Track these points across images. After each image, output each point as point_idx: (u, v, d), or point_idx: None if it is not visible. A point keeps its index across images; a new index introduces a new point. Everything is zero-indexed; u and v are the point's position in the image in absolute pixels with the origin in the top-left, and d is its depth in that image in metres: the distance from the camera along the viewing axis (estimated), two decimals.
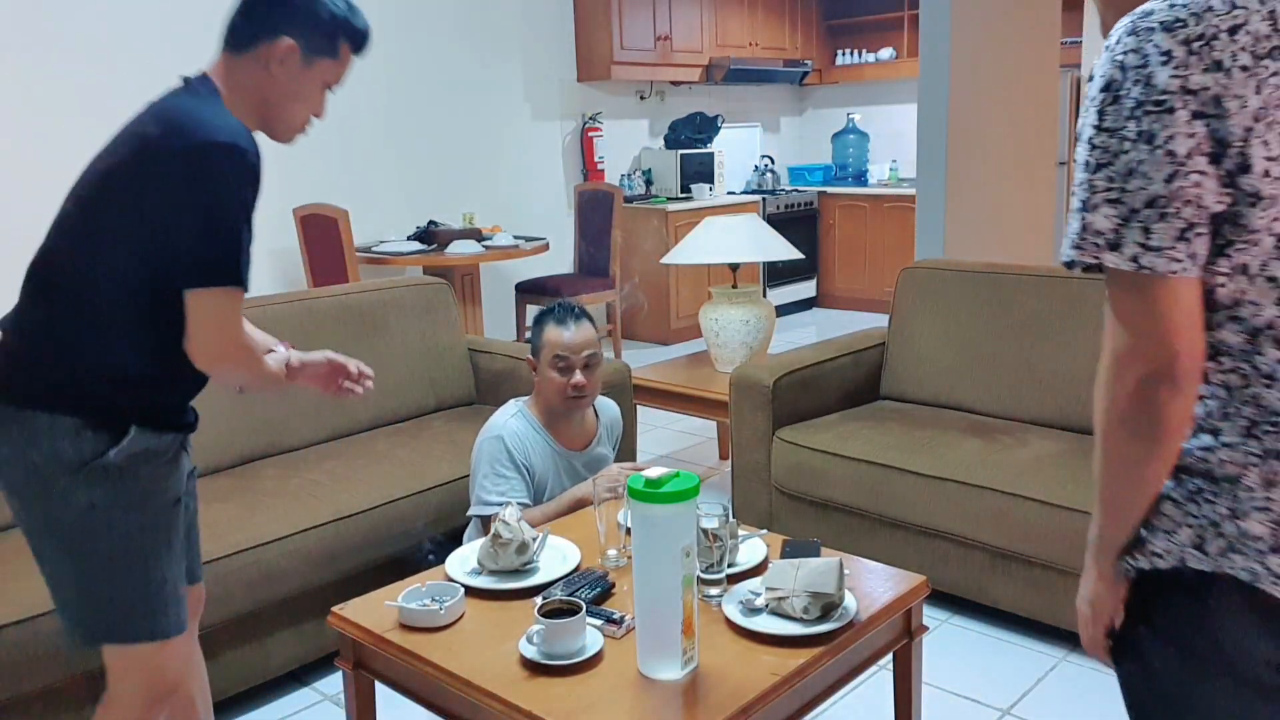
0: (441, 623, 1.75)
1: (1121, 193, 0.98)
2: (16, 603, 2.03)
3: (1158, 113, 0.96)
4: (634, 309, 6.41)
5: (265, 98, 1.67)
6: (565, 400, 2.37)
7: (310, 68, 1.67)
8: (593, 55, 6.26)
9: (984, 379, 3.12)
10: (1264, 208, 0.97)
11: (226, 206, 1.53)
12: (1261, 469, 1.01)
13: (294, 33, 1.63)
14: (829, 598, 1.70)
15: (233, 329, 1.58)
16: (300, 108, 1.71)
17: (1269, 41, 0.96)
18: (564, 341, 2.35)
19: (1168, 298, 0.98)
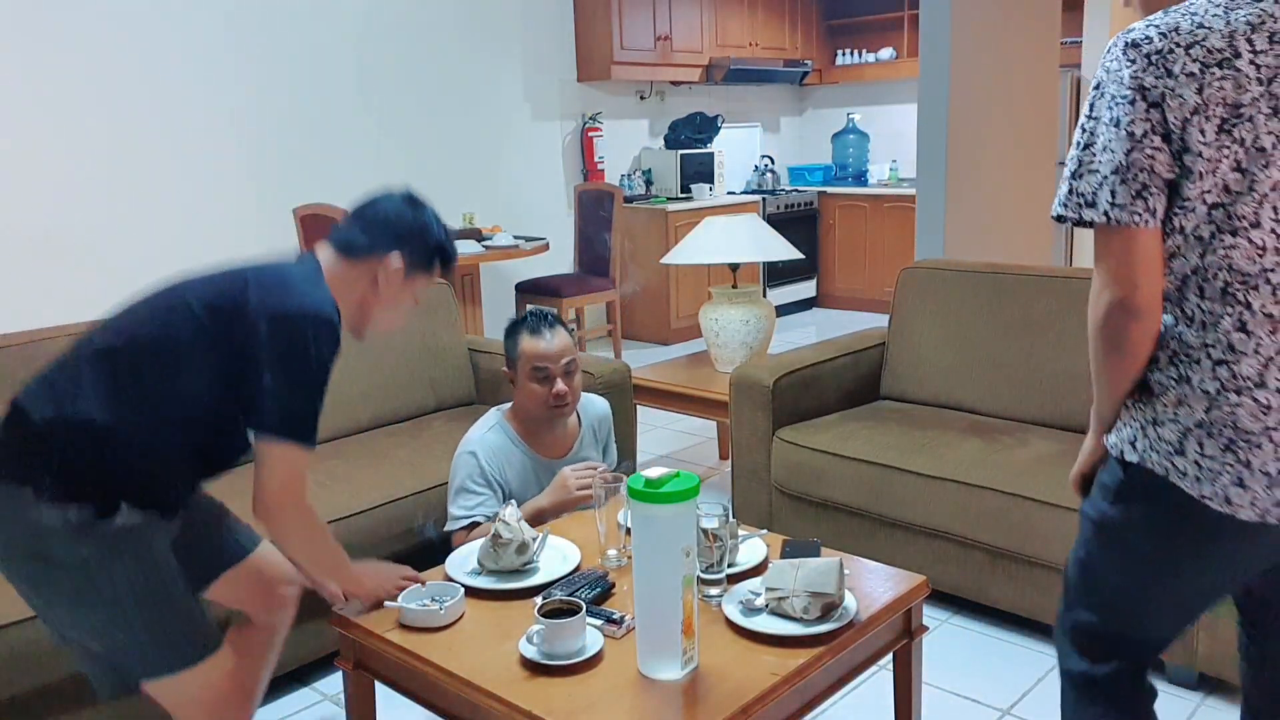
0: (441, 623, 1.75)
1: (1096, 163, 1.32)
2: (17, 602, 2.02)
3: (1123, 103, 1.29)
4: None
5: (365, 302, 1.84)
6: (547, 410, 2.34)
7: (409, 283, 1.85)
8: (593, 55, 6.26)
9: (984, 379, 3.12)
10: (1195, 180, 1.28)
11: (314, 370, 1.67)
12: (1175, 391, 1.35)
13: (405, 252, 1.81)
14: (829, 598, 1.70)
15: (297, 482, 1.67)
16: (391, 316, 1.89)
17: (1220, 54, 1.27)
18: (541, 351, 2.31)
19: (1130, 244, 1.31)
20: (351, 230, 1.83)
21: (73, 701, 2.10)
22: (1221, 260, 1.30)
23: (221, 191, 4.78)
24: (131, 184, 4.49)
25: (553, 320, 2.39)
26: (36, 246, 4.23)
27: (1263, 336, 1.29)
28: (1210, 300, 1.31)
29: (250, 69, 4.82)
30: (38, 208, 4.23)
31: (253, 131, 4.86)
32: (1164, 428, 1.35)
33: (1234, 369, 1.30)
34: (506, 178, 6.03)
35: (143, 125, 4.49)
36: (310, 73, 5.04)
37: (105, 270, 4.42)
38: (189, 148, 4.65)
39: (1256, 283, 1.29)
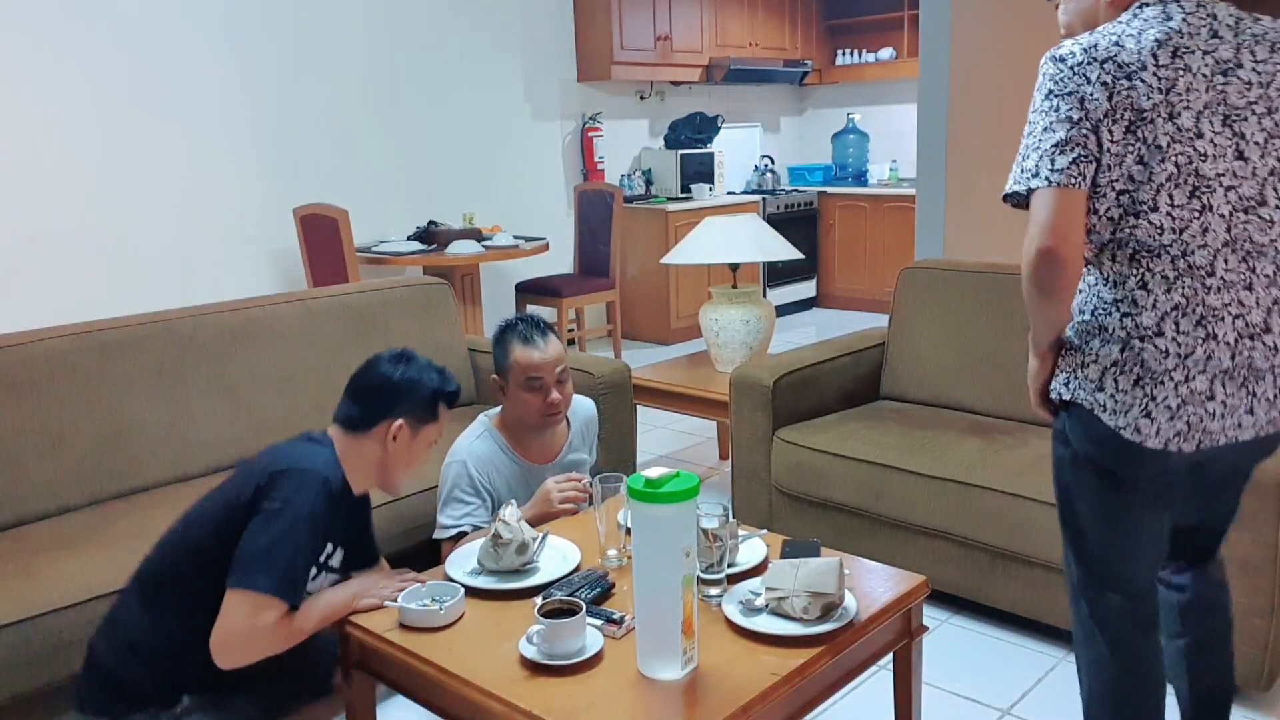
0: (441, 623, 1.75)
1: (1038, 144, 1.59)
2: (17, 602, 2.03)
3: (1057, 99, 1.58)
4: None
5: (382, 464, 1.95)
6: (542, 418, 2.33)
7: (418, 435, 1.96)
8: (593, 55, 6.26)
9: (984, 379, 3.12)
10: (1105, 171, 1.57)
11: (289, 520, 1.74)
12: (1097, 338, 1.63)
13: (403, 413, 1.93)
14: (829, 598, 1.70)
15: (240, 631, 1.69)
16: (412, 469, 1.99)
17: (1128, 67, 1.54)
18: (535, 361, 2.29)
19: (1063, 202, 1.55)
20: (350, 406, 1.95)
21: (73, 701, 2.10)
22: (1128, 236, 1.59)
23: (221, 191, 4.78)
24: (131, 184, 4.49)
25: (544, 327, 2.36)
26: (36, 246, 4.23)
27: (1159, 294, 1.58)
28: (1120, 264, 1.61)
29: (250, 69, 4.82)
30: (37, 208, 4.23)
31: (253, 132, 4.86)
32: (1089, 369, 1.64)
33: (1137, 320, 1.60)
34: (506, 178, 6.03)
35: (142, 125, 4.49)
36: (310, 73, 5.04)
37: (105, 270, 4.42)
38: (189, 148, 4.65)
39: (1157, 252, 1.58)
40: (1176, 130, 1.55)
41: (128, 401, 2.63)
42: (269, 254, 4.99)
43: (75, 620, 2.05)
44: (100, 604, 2.08)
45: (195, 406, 2.75)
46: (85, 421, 2.56)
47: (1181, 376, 1.58)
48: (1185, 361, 1.58)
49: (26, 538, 2.34)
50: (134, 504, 2.53)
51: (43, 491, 2.48)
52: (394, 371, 1.94)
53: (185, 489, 2.61)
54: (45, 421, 2.50)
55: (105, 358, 2.63)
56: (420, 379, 1.95)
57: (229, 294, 3.25)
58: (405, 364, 1.96)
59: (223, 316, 2.88)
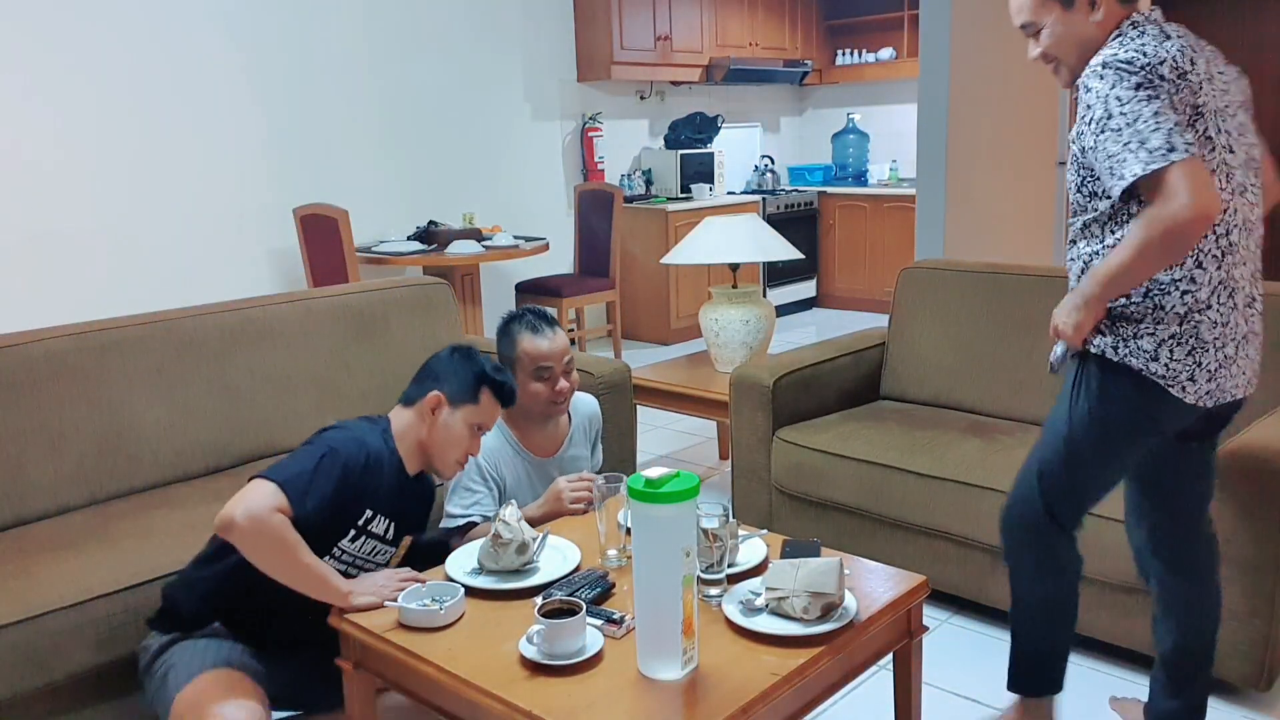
0: (441, 623, 1.75)
1: (1155, 127, 1.67)
2: (17, 602, 2.03)
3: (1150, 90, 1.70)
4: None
5: (422, 441, 2.05)
6: (548, 407, 2.37)
7: (457, 412, 2.04)
8: (593, 55, 6.26)
9: (984, 379, 3.12)
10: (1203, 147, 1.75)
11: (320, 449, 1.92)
12: (1152, 315, 1.81)
13: (444, 387, 2.05)
14: (829, 598, 1.70)
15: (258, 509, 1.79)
16: (452, 450, 2.05)
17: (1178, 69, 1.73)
18: (545, 351, 2.33)
19: (1204, 172, 1.66)
20: (410, 387, 2.11)
21: (73, 701, 2.10)
22: None
23: (221, 191, 4.79)
24: (132, 184, 4.49)
25: (550, 318, 2.40)
26: (37, 246, 4.23)
27: (1211, 271, 1.78)
28: None
29: (251, 70, 4.82)
30: (37, 208, 4.23)
31: (253, 132, 4.86)
32: (1142, 340, 1.82)
33: (1195, 295, 1.78)
34: (506, 178, 6.03)
35: (142, 126, 4.50)
36: (310, 73, 5.04)
37: (105, 270, 4.42)
38: (189, 148, 4.65)
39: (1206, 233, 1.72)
40: (1216, 125, 1.77)
41: (128, 402, 2.63)
42: (269, 254, 4.99)
43: (75, 620, 2.05)
44: (100, 604, 2.08)
45: (195, 406, 2.75)
46: (85, 421, 2.56)
47: (1221, 344, 1.82)
48: (1224, 330, 1.82)
49: (26, 538, 2.34)
50: (134, 504, 2.53)
51: (42, 491, 2.48)
52: (449, 354, 2.10)
53: (185, 489, 2.62)
54: (45, 421, 2.50)
55: (105, 358, 2.63)
56: (470, 360, 2.07)
57: (229, 294, 3.25)
58: (463, 352, 2.10)
59: (223, 316, 2.88)
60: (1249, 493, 2.18)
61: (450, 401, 2.04)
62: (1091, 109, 1.76)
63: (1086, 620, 2.50)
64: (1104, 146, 1.73)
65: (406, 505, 2.08)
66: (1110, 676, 2.50)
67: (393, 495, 2.01)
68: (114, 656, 2.10)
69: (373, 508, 1.97)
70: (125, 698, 2.16)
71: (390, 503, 2.01)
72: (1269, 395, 2.59)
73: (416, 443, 2.05)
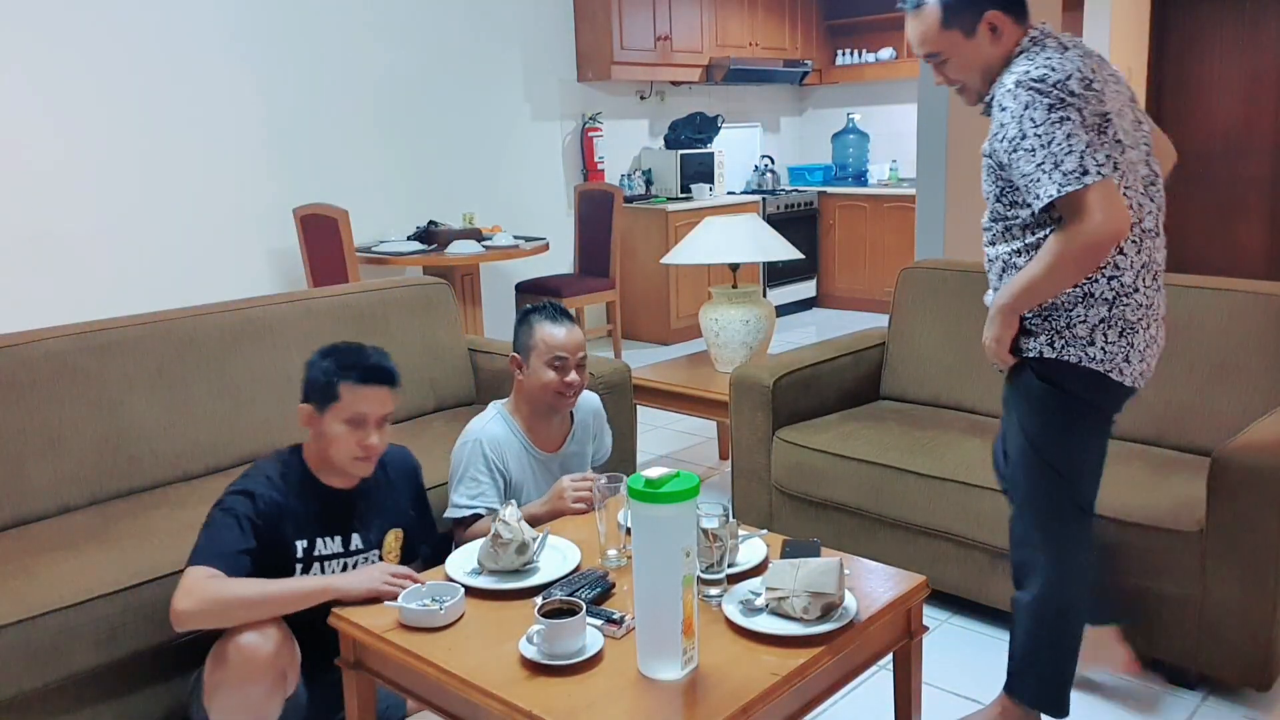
0: (441, 623, 1.75)
1: (1068, 149, 1.77)
2: (17, 602, 2.03)
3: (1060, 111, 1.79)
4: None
5: (317, 447, 2.08)
6: (556, 398, 2.38)
7: (323, 416, 2.03)
8: (593, 55, 6.26)
9: (984, 379, 3.11)
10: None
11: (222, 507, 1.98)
12: (1082, 303, 1.90)
13: (306, 397, 2.07)
14: (829, 598, 1.70)
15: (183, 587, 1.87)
16: (341, 452, 2.04)
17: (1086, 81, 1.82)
18: (562, 341, 2.36)
19: (1114, 191, 1.79)
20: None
21: (72, 701, 2.10)
22: None
23: (221, 192, 4.78)
24: (131, 184, 4.49)
25: (570, 314, 2.44)
26: (37, 246, 4.23)
27: (1133, 256, 1.90)
28: None
29: (249, 69, 4.82)
30: (38, 207, 4.23)
31: (253, 132, 4.86)
32: (1075, 328, 1.91)
33: (1120, 280, 1.89)
34: (506, 178, 6.03)
35: (142, 126, 4.50)
36: (310, 73, 5.04)
37: (106, 270, 4.42)
38: (189, 149, 4.65)
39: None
40: (1122, 127, 1.87)
41: (128, 402, 2.63)
42: (269, 254, 4.99)
43: (75, 620, 2.05)
44: (100, 604, 2.08)
45: (195, 406, 2.75)
46: (85, 421, 2.56)
47: (1145, 325, 1.94)
48: (1147, 312, 1.94)
49: (26, 537, 2.34)
50: (134, 504, 2.53)
51: (43, 491, 2.48)
52: (305, 365, 2.09)
53: (185, 489, 2.62)
54: (45, 421, 2.50)
55: (105, 358, 2.63)
56: (316, 362, 2.06)
57: (229, 294, 3.25)
58: (313, 358, 2.08)
59: (223, 316, 2.88)
60: (1249, 493, 2.18)
61: (317, 409, 2.03)
62: (1005, 127, 1.84)
63: None
64: (1019, 166, 1.82)
65: (352, 512, 2.10)
66: (1110, 677, 2.50)
67: (319, 515, 2.05)
68: (114, 656, 2.11)
69: (301, 537, 2.02)
70: (125, 697, 2.16)
71: (322, 523, 2.05)
72: (1269, 395, 2.59)
73: (318, 456, 2.07)
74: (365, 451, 2.03)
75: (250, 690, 1.82)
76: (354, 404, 2.01)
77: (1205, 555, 2.26)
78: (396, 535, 2.18)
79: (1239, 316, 2.68)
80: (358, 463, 2.05)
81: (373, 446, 2.03)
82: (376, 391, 2.04)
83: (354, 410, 2.01)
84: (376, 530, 2.14)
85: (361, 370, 2.04)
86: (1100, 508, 2.28)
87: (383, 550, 2.16)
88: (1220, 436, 2.47)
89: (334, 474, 2.08)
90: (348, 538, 2.09)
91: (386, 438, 2.10)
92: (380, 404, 2.05)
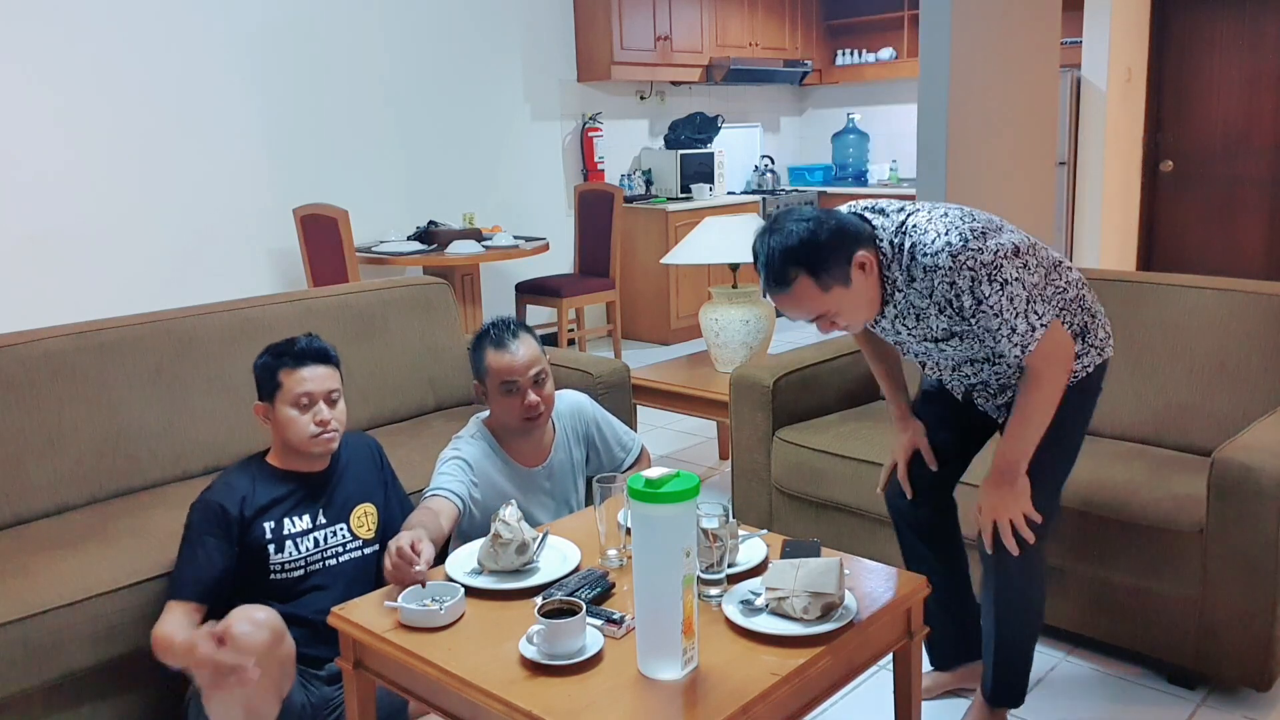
0: (441, 623, 1.75)
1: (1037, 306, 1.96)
2: (16, 601, 2.03)
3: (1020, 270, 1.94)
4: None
5: (280, 440, 2.17)
6: (521, 422, 2.32)
7: (275, 406, 2.14)
8: (593, 55, 6.26)
9: None
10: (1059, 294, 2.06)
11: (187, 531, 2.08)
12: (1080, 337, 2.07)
13: (258, 396, 2.17)
14: (829, 598, 1.70)
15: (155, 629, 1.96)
16: (297, 432, 2.13)
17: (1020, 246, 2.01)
18: (507, 365, 2.26)
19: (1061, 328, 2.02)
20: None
21: (72, 699, 2.10)
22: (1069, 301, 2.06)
23: (221, 192, 4.79)
24: (132, 184, 4.49)
25: (516, 329, 2.32)
26: (37, 246, 4.23)
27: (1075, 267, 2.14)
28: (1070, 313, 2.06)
29: (250, 70, 4.82)
30: (37, 207, 4.23)
31: (253, 132, 4.86)
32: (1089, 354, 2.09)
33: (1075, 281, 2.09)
34: (506, 178, 6.03)
35: (143, 126, 4.50)
36: (311, 73, 5.04)
37: (105, 270, 4.42)
38: (189, 148, 4.65)
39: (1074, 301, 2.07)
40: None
41: (127, 401, 2.63)
42: (269, 254, 4.99)
43: (74, 619, 2.05)
44: (98, 602, 2.09)
45: (194, 406, 2.75)
46: (84, 421, 2.56)
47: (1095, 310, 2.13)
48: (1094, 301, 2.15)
49: (25, 537, 2.34)
50: (133, 503, 2.53)
51: (42, 491, 2.48)
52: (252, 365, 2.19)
53: (184, 489, 2.61)
54: (45, 421, 2.50)
55: (105, 358, 2.63)
56: (256, 363, 2.17)
57: (229, 294, 3.25)
58: (260, 354, 2.18)
59: (222, 316, 2.88)
60: (1249, 493, 2.18)
61: (269, 401, 2.14)
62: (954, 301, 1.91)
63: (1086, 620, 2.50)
64: (983, 324, 1.92)
65: (318, 492, 2.19)
66: (1110, 678, 2.50)
67: (284, 498, 2.14)
68: (112, 654, 2.11)
69: (268, 519, 2.10)
70: (124, 695, 2.16)
71: (288, 505, 2.13)
72: (1269, 395, 2.59)
73: (280, 447, 2.17)
74: (321, 427, 2.12)
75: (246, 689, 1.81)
76: (296, 385, 2.11)
77: (1205, 555, 2.26)
78: (366, 510, 2.24)
79: (1239, 316, 2.68)
80: (316, 440, 2.13)
81: (326, 421, 2.13)
82: (314, 370, 2.14)
83: (298, 391, 2.11)
84: (339, 506, 2.20)
85: (294, 355, 2.14)
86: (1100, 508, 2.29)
87: (352, 525, 2.21)
88: (1220, 436, 2.47)
89: (298, 459, 2.17)
90: (315, 515, 2.17)
91: (342, 413, 2.18)
92: (321, 381, 2.15)
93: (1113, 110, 6.51)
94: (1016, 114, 4.49)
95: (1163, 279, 2.89)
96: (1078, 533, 2.42)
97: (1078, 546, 2.43)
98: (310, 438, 2.12)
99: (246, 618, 1.83)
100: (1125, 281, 2.91)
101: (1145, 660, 2.50)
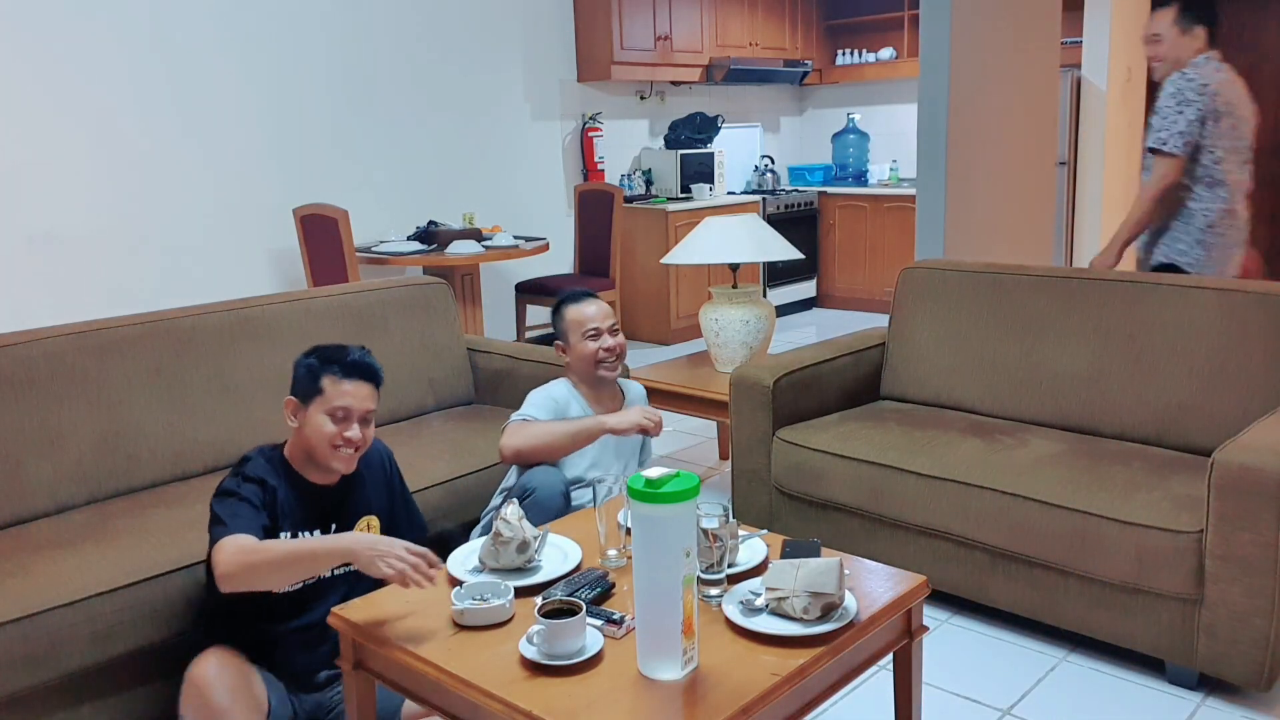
0: (505, 617, 1.76)
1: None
2: (15, 601, 2.03)
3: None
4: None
5: (301, 441, 2.11)
6: (600, 365, 2.63)
7: (307, 409, 2.08)
8: (593, 55, 6.26)
9: (984, 379, 3.11)
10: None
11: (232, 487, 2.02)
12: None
13: (292, 391, 2.12)
14: (829, 598, 1.70)
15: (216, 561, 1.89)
16: (323, 441, 2.06)
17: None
18: (590, 314, 2.64)
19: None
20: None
21: (70, 699, 2.10)
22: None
23: (221, 191, 4.78)
24: (132, 184, 4.49)
25: (592, 293, 2.74)
26: (36, 246, 4.23)
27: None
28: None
29: (251, 70, 4.82)
30: (38, 207, 4.23)
31: (253, 132, 4.86)
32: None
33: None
34: (506, 178, 6.03)
35: (143, 126, 4.49)
36: (311, 73, 5.04)
37: (105, 270, 4.42)
38: (189, 148, 4.65)
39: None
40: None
41: (127, 401, 2.63)
42: (269, 254, 4.99)
43: (73, 619, 2.05)
44: (97, 602, 2.08)
45: (195, 406, 2.75)
46: (85, 421, 2.56)
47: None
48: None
49: (25, 536, 2.34)
50: (132, 503, 2.53)
51: (42, 491, 2.47)
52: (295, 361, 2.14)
53: (184, 488, 2.62)
54: (45, 421, 2.50)
55: (105, 358, 2.63)
56: (304, 358, 2.12)
57: (229, 294, 3.25)
58: (303, 355, 2.13)
59: (222, 316, 2.88)
60: (1248, 493, 2.18)
61: (302, 401, 2.08)
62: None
63: (1086, 621, 2.50)
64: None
65: (331, 507, 2.13)
66: (1110, 678, 2.50)
67: (299, 508, 2.08)
68: (112, 654, 2.11)
69: (285, 528, 2.05)
70: (123, 695, 2.16)
71: (301, 517, 2.08)
72: (1269, 395, 2.59)
73: (302, 450, 2.10)
74: (345, 442, 2.06)
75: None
76: (336, 397, 2.05)
77: (1205, 555, 2.26)
78: (370, 522, 2.21)
79: (1239, 316, 2.68)
80: (338, 453, 2.06)
81: (352, 439, 2.06)
82: (358, 386, 2.08)
83: (336, 403, 2.05)
84: (350, 522, 2.18)
85: (344, 365, 2.08)
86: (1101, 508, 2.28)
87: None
88: (1220, 436, 2.47)
89: (315, 470, 2.11)
90: (326, 531, 2.12)
91: (370, 435, 2.12)
92: (362, 399, 2.08)
93: (1113, 110, 6.51)
94: (1016, 114, 4.49)
95: (1163, 279, 2.89)
96: (1078, 532, 2.42)
97: (1078, 546, 2.43)
98: (332, 448, 2.05)
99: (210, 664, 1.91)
100: (1125, 281, 2.91)
101: (1145, 660, 2.50)
